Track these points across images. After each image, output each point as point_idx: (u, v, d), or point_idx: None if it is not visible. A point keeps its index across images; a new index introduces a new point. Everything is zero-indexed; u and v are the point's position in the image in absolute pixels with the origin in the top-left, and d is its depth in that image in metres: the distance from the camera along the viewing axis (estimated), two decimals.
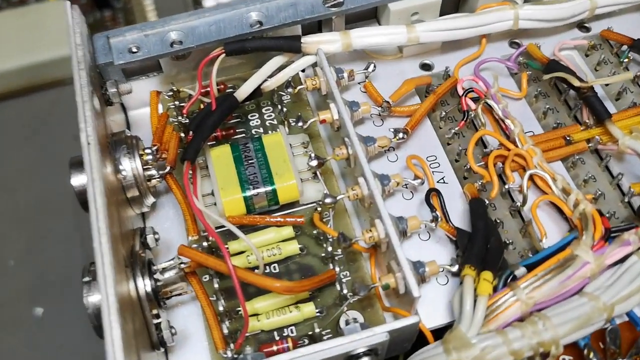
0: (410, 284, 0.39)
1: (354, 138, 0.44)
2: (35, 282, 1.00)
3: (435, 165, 0.48)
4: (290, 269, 0.46)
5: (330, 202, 0.44)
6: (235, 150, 0.47)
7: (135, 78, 0.51)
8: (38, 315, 1.01)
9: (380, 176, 0.44)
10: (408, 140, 0.49)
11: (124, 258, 0.40)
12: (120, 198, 0.44)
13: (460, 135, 0.49)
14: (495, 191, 0.45)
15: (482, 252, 0.41)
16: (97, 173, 0.40)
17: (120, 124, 0.52)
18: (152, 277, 0.42)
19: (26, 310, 0.98)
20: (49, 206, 1.08)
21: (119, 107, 0.52)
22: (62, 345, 0.93)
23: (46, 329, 0.99)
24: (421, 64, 0.53)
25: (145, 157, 0.46)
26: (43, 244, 1.03)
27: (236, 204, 0.46)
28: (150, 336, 0.41)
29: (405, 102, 0.50)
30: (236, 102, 0.47)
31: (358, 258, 0.46)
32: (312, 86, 0.48)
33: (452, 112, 0.50)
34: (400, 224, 0.43)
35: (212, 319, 0.42)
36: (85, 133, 0.41)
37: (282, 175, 0.46)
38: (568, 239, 0.41)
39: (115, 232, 0.40)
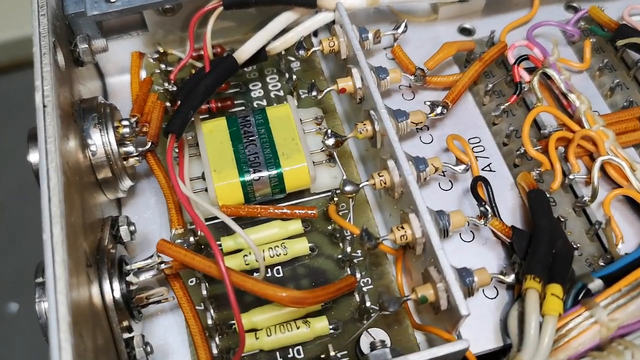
0: (457, 298, 0.30)
1: (382, 110, 0.35)
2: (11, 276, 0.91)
3: (479, 149, 0.39)
4: (297, 273, 0.36)
5: (351, 190, 0.35)
6: (233, 125, 0.38)
7: (115, 37, 0.42)
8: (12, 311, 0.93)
9: (414, 159, 0.35)
10: (445, 119, 0.40)
11: (86, 255, 0.31)
12: (87, 180, 0.35)
13: (510, 114, 0.40)
14: (558, 181, 0.36)
15: (547, 259, 0.32)
16: (52, 144, 0.30)
17: (95, 93, 0.43)
18: (124, 280, 0.33)
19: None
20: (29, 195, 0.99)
21: (95, 72, 0.43)
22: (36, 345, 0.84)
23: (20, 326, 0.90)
24: (460, 28, 0.44)
25: (121, 129, 0.37)
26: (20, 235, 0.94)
27: (231, 191, 0.37)
28: (119, 355, 0.32)
29: (442, 72, 0.41)
30: (235, 65, 0.38)
31: (382, 262, 0.37)
32: (329, 48, 0.39)
33: (498, 86, 0.41)
34: (440, 220, 0.34)
35: (197, 335, 0.33)
36: (42, 93, 0.32)
37: (290, 156, 0.37)
38: None
39: (75, 222, 0.30)
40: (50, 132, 0.31)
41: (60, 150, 0.31)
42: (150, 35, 0.43)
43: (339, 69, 0.41)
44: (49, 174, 0.30)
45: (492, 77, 0.41)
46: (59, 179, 0.30)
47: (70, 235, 0.29)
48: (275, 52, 0.40)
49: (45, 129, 0.31)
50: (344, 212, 0.38)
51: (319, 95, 0.38)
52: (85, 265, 0.31)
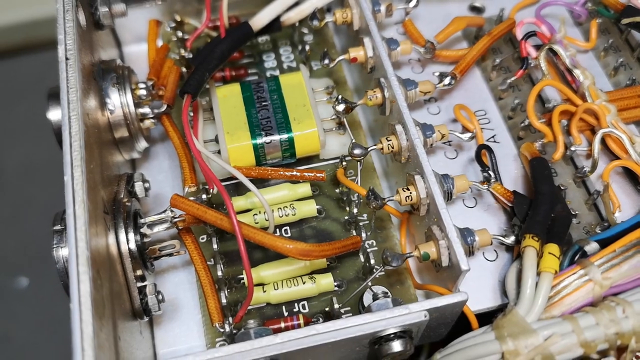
0: (458, 254, 0.32)
1: (392, 78, 0.37)
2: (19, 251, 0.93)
3: (484, 121, 0.41)
4: (305, 234, 0.38)
5: (359, 153, 0.37)
6: (246, 90, 0.40)
7: (134, 5, 0.44)
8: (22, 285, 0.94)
9: (422, 125, 0.37)
10: (453, 90, 0.42)
11: (104, 202, 0.33)
12: (105, 137, 0.37)
13: (516, 89, 0.42)
14: (560, 152, 0.37)
15: (546, 220, 0.34)
16: (74, 94, 0.33)
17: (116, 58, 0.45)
18: (138, 231, 0.35)
19: (9, 280, 0.91)
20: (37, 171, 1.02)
21: (112, 39, 0.45)
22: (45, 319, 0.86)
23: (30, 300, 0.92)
24: (470, 6, 0.46)
25: (138, 91, 0.39)
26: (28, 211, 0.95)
27: (244, 153, 0.38)
28: (132, 302, 0.34)
29: (451, 46, 0.43)
30: (250, 31, 0.40)
31: (387, 225, 0.38)
32: (342, 19, 0.41)
33: (506, 62, 0.42)
34: (445, 183, 0.35)
35: (208, 286, 0.35)
36: (64, 46, 0.34)
37: (301, 121, 0.39)
38: None
39: (94, 170, 0.32)
40: (72, 82, 0.33)
41: (81, 101, 0.33)
42: (169, 5, 0.44)
43: (351, 41, 0.43)
44: (71, 121, 0.32)
45: (500, 53, 0.43)
46: (80, 126, 0.32)
47: (90, 180, 0.31)
48: (289, 23, 0.42)
49: (67, 80, 0.33)
50: (351, 178, 0.39)
51: (330, 63, 0.40)
52: (102, 211, 0.33)
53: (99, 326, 0.27)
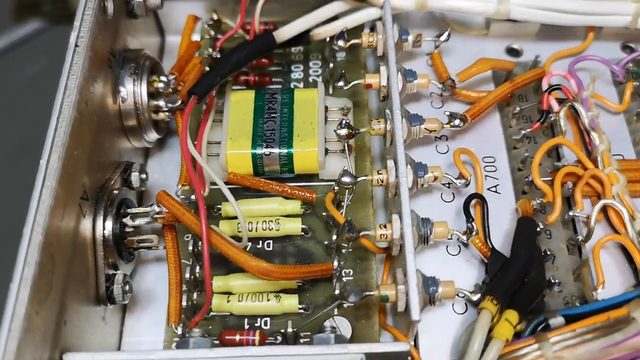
0: (412, 302, 0.30)
1: (396, 111, 0.36)
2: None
3: (491, 169, 0.39)
4: (286, 251, 0.38)
5: (349, 182, 0.36)
6: (259, 99, 0.40)
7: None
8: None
9: (416, 164, 0.35)
10: (466, 132, 0.40)
11: (84, 188, 0.33)
12: (111, 123, 0.38)
13: (532, 140, 0.39)
14: (555, 215, 0.35)
15: (513, 285, 0.32)
16: (74, 81, 0.33)
17: (152, 48, 0.46)
18: (119, 220, 0.35)
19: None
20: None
21: (155, 28, 0.46)
22: None
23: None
24: (508, 48, 0.44)
25: (156, 84, 0.40)
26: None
27: (242, 160, 0.38)
28: (98, 288, 0.34)
29: (476, 87, 0.41)
30: (272, 42, 0.40)
31: (369, 257, 0.37)
32: (367, 43, 0.40)
33: (529, 111, 0.40)
34: (423, 227, 0.34)
35: (173, 286, 0.35)
36: (77, 33, 0.35)
37: (304, 139, 0.38)
38: (629, 295, 0.31)
39: (79, 156, 0.33)
40: (75, 70, 0.34)
41: (81, 88, 0.33)
42: (211, 2, 0.45)
43: (377, 66, 0.42)
44: (62, 107, 0.33)
45: (525, 101, 0.41)
46: (70, 114, 0.32)
47: (69, 166, 0.32)
48: (318, 38, 0.41)
49: (71, 66, 0.34)
50: (347, 204, 0.38)
51: (345, 85, 0.39)
52: (79, 197, 0.33)
53: (35, 310, 0.28)
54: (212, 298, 0.33)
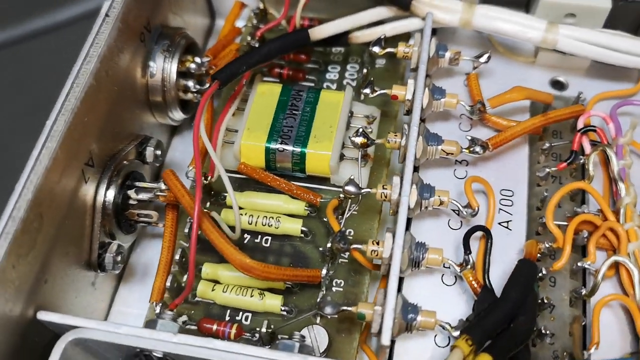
0: (385, 326, 0.29)
1: (414, 127, 0.34)
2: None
3: (507, 203, 0.36)
4: (282, 250, 0.37)
5: (352, 191, 0.34)
6: (285, 94, 0.39)
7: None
8: None
9: (423, 185, 0.34)
10: (490, 160, 0.37)
11: (91, 154, 0.33)
12: (135, 96, 0.38)
13: (557, 180, 0.37)
14: (562, 262, 0.32)
15: (495, 327, 0.29)
16: (96, 49, 0.33)
17: (199, 29, 0.46)
18: (123, 192, 0.35)
19: None
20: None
21: (206, 10, 0.46)
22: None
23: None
24: (553, 80, 0.41)
25: (188, 64, 0.39)
26: None
27: (255, 152, 0.37)
28: (91, 253, 0.35)
29: (510, 115, 0.39)
30: (306, 39, 0.39)
31: (364, 272, 0.36)
32: (402, 53, 0.38)
33: (560, 149, 0.37)
34: (416, 251, 0.32)
35: (162, 265, 0.35)
36: (110, 3, 0.35)
37: (320, 141, 0.37)
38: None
39: (90, 122, 0.33)
40: (100, 38, 0.34)
41: (103, 57, 0.34)
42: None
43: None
44: (79, 73, 0.33)
45: (559, 137, 0.38)
46: (86, 81, 0.33)
47: (75, 131, 0.32)
48: (356, 41, 0.40)
49: (97, 35, 0.34)
50: (352, 214, 0.37)
51: (371, 93, 0.38)
52: (84, 162, 0.33)
53: (12, 264, 0.28)
54: (193, 282, 0.33)
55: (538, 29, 0.37)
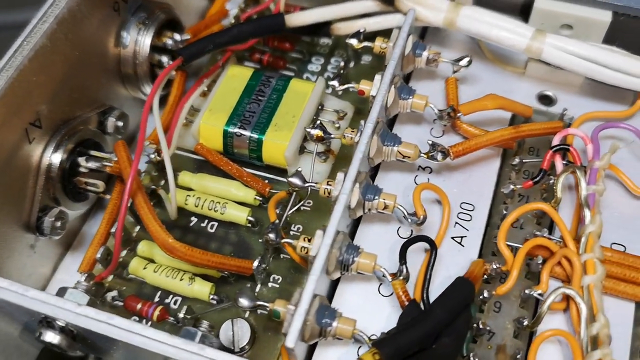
0: (292, 328, 0.26)
1: (368, 124, 0.31)
2: None
3: (465, 217, 0.33)
4: (226, 238, 0.35)
5: (296, 184, 0.32)
6: (254, 79, 0.37)
7: None
8: None
9: (369, 186, 0.31)
10: (456, 169, 0.34)
11: (38, 115, 0.32)
12: (106, 66, 0.36)
13: (525, 200, 0.33)
14: (507, 287, 0.29)
15: (411, 345, 0.26)
16: (56, 9, 0.32)
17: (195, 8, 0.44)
18: (72, 157, 0.34)
19: None
20: None
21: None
22: None
23: None
24: (541, 94, 0.37)
25: (164, 39, 0.38)
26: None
27: (213, 134, 0.35)
28: (31, 215, 0.33)
29: (487, 125, 0.35)
30: (281, 24, 0.36)
31: (305, 270, 0.33)
32: (379, 49, 0.36)
33: (533, 167, 0.34)
34: (346, 253, 0.29)
35: (98, 235, 0.33)
36: None
37: (279, 129, 0.35)
38: None
39: (39, 82, 0.32)
40: (60, 0, 0.33)
41: (61, 19, 0.32)
42: None
43: None
44: (32, 32, 0.32)
45: (534, 154, 0.34)
46: (38, 41, 0.31)
47: (19, 89, 0.31)
48: (337, 33, 0.38)
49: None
50: (303, 209, 0.34)
51: (339, 85, 0.35)
52: (28, 122, 0.32)
53: None
54: (118, 257, 0.31)
55: (523, 35, 0.34)
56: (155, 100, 0.34)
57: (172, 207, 0.33)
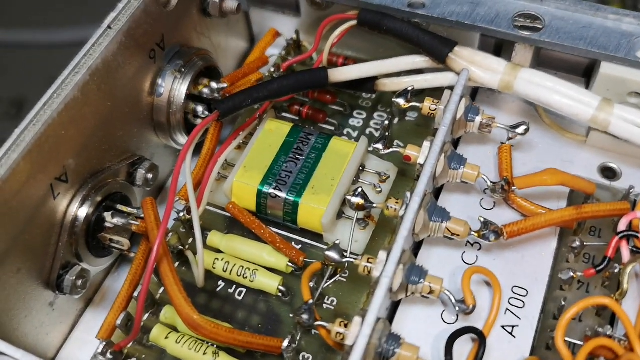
0: None
1: (415, 198, 0.28)
2: None
3: (517, 304, 0.29)
4: (255, 307, 0.31)
5: (334, 259, 0.28)
6: (293, 134, 0.33)
7: (270, 9, 0.40)
8: None
9: (414, 267, 0.27)
10: (507, 247, 0.30)
11: (65, 170, 0.29)
12: (139, 116, 0.33)
13: (584, 288, 0.29)
14: None
15: None
16: (90, 60, 0.29)
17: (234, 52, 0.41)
18: (98, 211, 0.31)
19: None
20: None
21: (245, 34, 0.41)
22: None
23: None
24: (603, 166, 0.33)
25: (201, 87, 0.35)
26: None
27: (247, 193, 0.32)
28: (51, 272, 0.30)
29: (543, 199, 0.31)
30: (323, 79, 0.33)
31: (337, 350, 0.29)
32: (428, 110, 0.32)
33: (595, 250, 0.29)
34: (386, 344, 0.25)
35: (120, 298, 0.30)
36: (116, 15, 0.31)
37: (317, 193, 0.31)
38: None
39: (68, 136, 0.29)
40: (95, 50, 0.30)
41: (95, 70, 0.29)
42: (302, 22, 0.39)
43: None
44: (63, 84, 0.29)
45: (596, 235, 0.30)
46: (69, 94, 0.29)
47: (46, 144, 0.28)
48: (382, 89, 0.34)
49: (92, 46, 0.30)
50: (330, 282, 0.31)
51: (384, 149, 0.31)
52: (54, 177, 0.29)
53: None
54: (139, 326, 0.28)
55: (588, 105, 0.30)
56: (187, 157, 0.30)
57: (200, 275, 0.30)
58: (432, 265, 0.28)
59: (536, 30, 0.32)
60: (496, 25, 0.32)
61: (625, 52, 0.30)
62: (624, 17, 0.32)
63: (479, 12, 0.33)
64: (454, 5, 0.33)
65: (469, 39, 0.34)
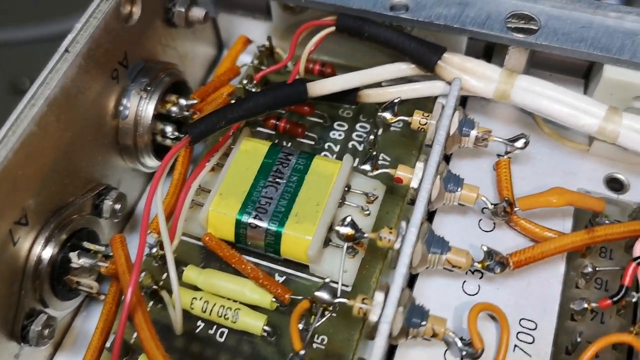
0: None
1: (412, 229, 0.24)
2: None
3: (526, 339, 0.25)
4: (238, 349, 0.27)
5: (324, 299, 0.24)
6: (271, 155, 0.29)
7: (240, 14, 0.35)
8: None
9: (414, 307, 0.23)
10: (510, 276, 0.26)
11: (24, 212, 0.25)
12: (104, 141, 0.29)
13: (598, 319, 0.25)
14: None
15: None
16: (46, 90, 0.25)
17: (201, 61, 0.36)
18: (63, 252, 0.26)
19: None
20: None
21: (213, 41, 0.36)
22: None
23: None
24: (609, 177, 0.29)
25: (168, 105, 0.30)
26: None
27: (224, 223, 0.28)
28: (14, 323, 0.26)
29: (547, 218, 0.27)
30: (303, 94, 0.28)
31: None
32: (417, 124, 0.28)
33: (608, 275, 0.26)
34: None
35: (91, 350, 0.26)
36: (73, 37, 0.26)
37: (301, 221, 0.27)
38: None
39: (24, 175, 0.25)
40: (53, 78, 0.25)
41: (53, 100, 0.25)
42: (274, 27, 0.34)
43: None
44: (17, 121, 0.24)
45: (608, 258, 0.26)
46: (24, 130, 0.24)
47: (2, 187, 0.24)
48: (366, 100, 0.30)
49: (49, 73, 0.25)
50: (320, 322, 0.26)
51: (371, 170, 0.27)
52: (13, 221, 0.25)
53: None
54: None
55: (594, 115, 0.26)
56: (158, 190, 0.26)
57: (177, 322, 0.26)
58: (430, 298, 0.25)
59: (531, 32, 0.28)
60: (488, 28, 0.28)
61: (631, 54, 0.26)
62: (626, 14, 0.28)
63: (468, 14, 0.28)
64: (440, 7, 0.29)
65: (455, 43, 0.30)
